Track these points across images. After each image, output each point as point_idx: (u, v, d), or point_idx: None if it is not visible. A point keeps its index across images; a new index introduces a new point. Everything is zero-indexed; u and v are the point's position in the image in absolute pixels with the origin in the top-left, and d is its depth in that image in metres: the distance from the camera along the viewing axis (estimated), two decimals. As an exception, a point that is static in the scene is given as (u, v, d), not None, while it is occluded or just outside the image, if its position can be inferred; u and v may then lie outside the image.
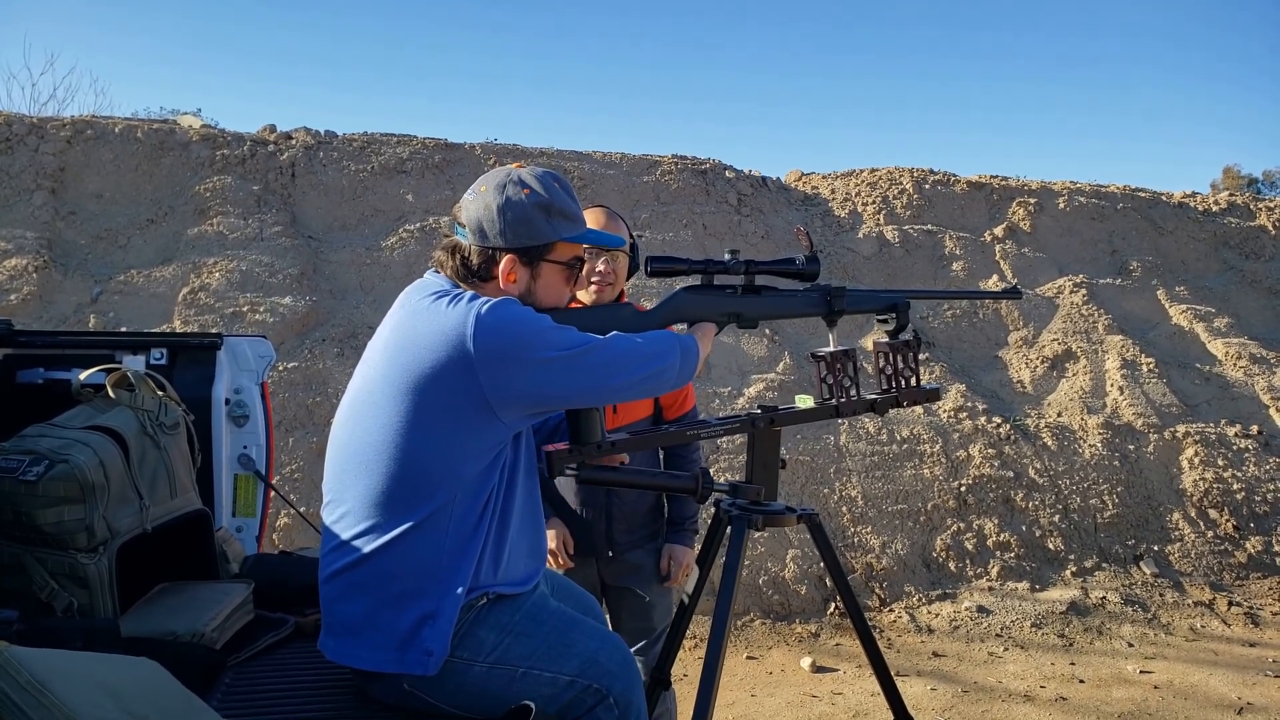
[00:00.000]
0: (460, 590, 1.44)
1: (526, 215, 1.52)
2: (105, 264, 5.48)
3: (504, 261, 1.52)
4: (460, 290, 1.49)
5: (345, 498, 1.50)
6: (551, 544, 2.26)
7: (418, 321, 1.46)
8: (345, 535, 1.49)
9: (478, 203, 1.53)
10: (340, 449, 1.53)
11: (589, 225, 2.23)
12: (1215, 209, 8.34)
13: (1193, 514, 5.53)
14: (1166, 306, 7.25)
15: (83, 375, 2.03)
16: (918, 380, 1.89)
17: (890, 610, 4.65)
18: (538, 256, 1.55)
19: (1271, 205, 8.63)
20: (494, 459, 1.47)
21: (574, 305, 2.22)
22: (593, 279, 2.20)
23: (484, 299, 1.44)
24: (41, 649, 1.12)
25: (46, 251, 5.32)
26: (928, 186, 7.67)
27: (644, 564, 2.35)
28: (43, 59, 20.48)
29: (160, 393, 2.02)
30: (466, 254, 1.53)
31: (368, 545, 1.46)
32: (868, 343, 5.52)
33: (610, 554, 2.33)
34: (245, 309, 5.29)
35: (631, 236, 2.35)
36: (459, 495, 1.44)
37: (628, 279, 2.33)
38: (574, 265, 1.61)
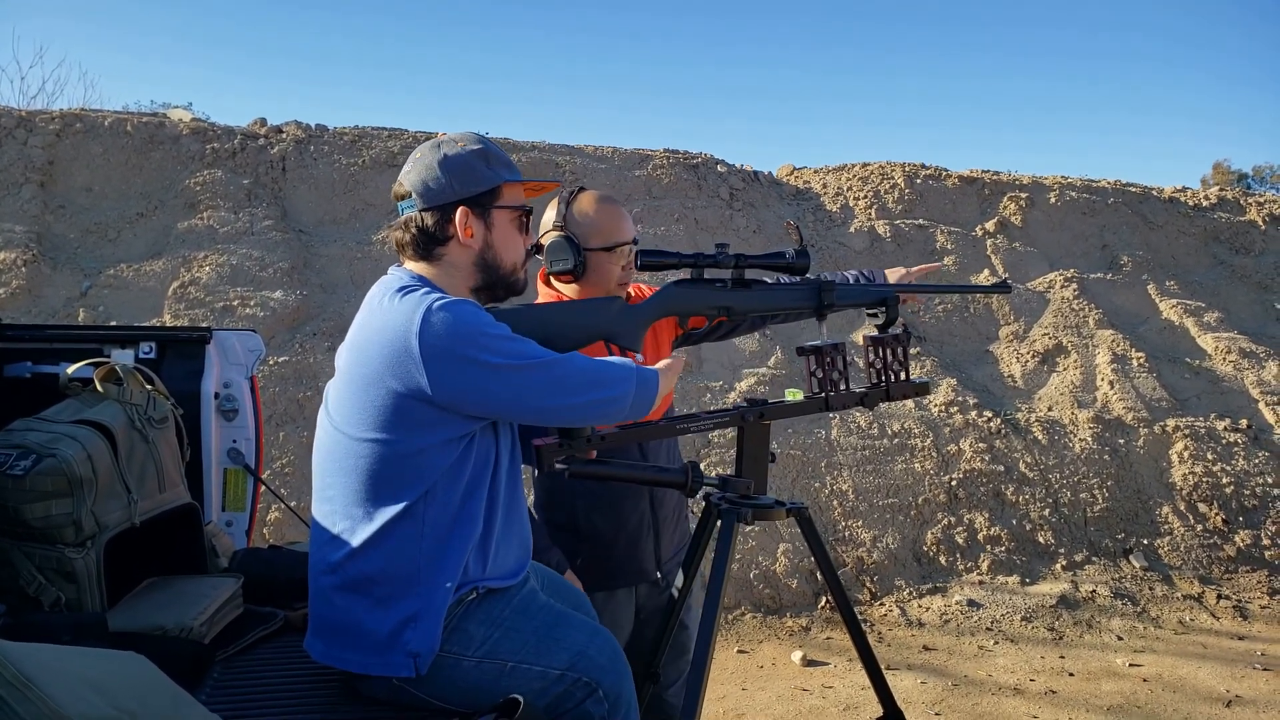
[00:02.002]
0: (449, 585, 1.44)
1: (468, 163, 1.55)
2: (95, 258, 5.45)
3: (458, 215, 1.53)
4: (417, 286, 1.48)
5: (329, 495, 1.50)
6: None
7: (373, 318, 1.46)
8: (332, 531, 1.49)
9: (417, 168, 1.56)
10: (319, 446, 1.54)
11: (593, 210, 2.18)
12: (1205, 204, 8.37)
13: (1182, 508, 5.55)
14: (1157, 301, 7.28)
15: (70, 369, 2.02)
16: (908, 374, 1.90)
17: (881, 604, 4.67)
18: (488, 203, 1.56)
19: (1261, 200, 8.66)
20: (464, 450, 1.46)
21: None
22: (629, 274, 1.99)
23: (438, 295, 1.43)
24: (28, 643, 1.11)
25: (35, 245, 5.29)
26: (919, 181, 7.68)
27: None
28: (32, 52, 20.32)
29: (149, 386, 2.01)
30: (420, 221, 1.54)
31: (353, 541, 1.46)
32: (858, 337, 5.53)
33: (659, 575, 2.06)
34: (236, 303, 5.27)
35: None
36: (432, 490, 1.44)
37: None
38: (523, 211, 1.62)
